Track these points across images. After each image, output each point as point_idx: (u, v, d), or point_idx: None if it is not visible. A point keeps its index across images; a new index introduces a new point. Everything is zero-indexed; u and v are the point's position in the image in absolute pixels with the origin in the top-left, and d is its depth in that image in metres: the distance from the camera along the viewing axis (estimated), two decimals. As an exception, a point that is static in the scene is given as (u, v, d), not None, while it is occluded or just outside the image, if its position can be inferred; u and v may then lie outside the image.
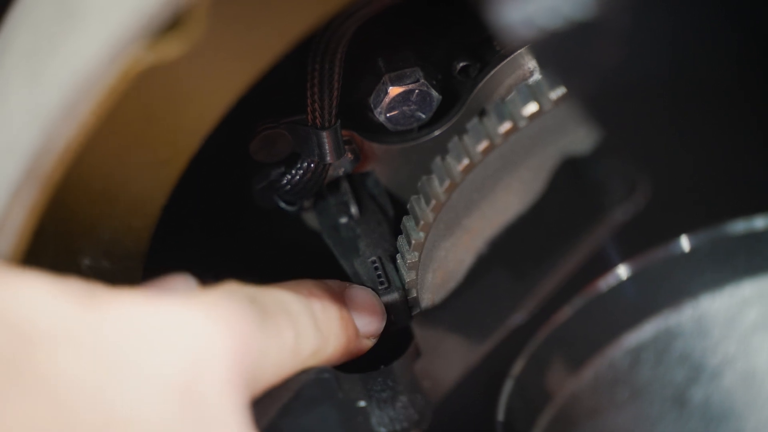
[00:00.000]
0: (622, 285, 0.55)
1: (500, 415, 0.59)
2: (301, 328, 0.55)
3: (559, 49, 0.45)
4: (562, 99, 0.57)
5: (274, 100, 0.65)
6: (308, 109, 0.63)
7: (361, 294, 0.63)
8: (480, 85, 0.66)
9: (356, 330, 0.61)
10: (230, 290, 0.52)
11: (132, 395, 0.45)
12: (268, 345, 0.52)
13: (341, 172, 0.68)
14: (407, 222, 0.63)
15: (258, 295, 0.53)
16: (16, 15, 0.52)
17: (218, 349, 0.48)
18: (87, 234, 0.57)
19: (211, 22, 0.46)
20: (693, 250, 0.54)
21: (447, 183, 0.60)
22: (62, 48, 0.46)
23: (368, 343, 0.62)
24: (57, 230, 0.55)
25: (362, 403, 0.60)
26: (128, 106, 0.49)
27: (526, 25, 0.44)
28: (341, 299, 0.61)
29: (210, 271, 0.68)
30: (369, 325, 0.62)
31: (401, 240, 0.64)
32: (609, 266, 0.55)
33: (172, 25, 0.45)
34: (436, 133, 0.67)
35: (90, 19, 0.46)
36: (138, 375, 0.45)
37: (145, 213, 0.58)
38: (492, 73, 0.65)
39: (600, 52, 0.46)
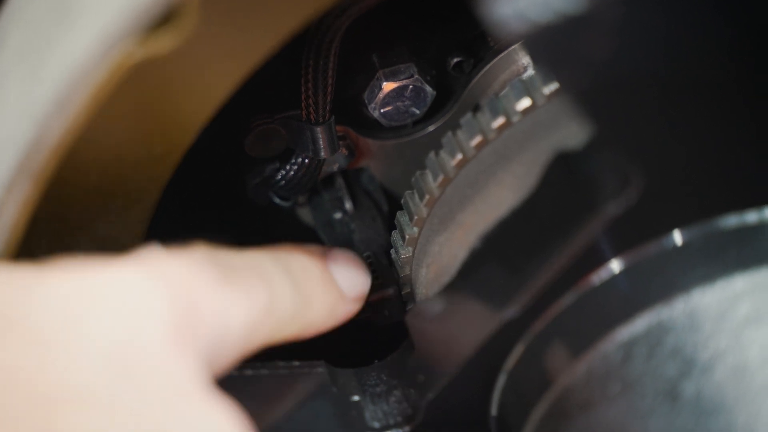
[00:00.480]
0: (614, 279, 0.55)
1: (493, 410, 0.59)
2: (276, 288, 0.52)
3: (550, 43, 0.46)
4: (555, 94, 0.57)
5: (269, 95, 0.65)
6: (302, 104, 0.63)
7: (343, 256, 0.61)
8: (474, 80, 0.66)
9: (340, 292, 0.59)
10: (188, 251, 0.49)
11: (66, 369, 0.43)
12: (232, 305, 0.49)
13: (336, 167, 0.68)
14: (401, 217, 0.63)
15: (224, 256, 0.51)
16: (9, 11, 0.52)
17: (155, 308, 0.45)
18: (82, 229, 0.57)
19: (203, 16, 0.47)
20: (685, 244, 0.54)
21: (441, 178, 0.60)
22: (55, 43, 0.46)
23: (354, 306, 0.60)
24: (51, 225, 0.55)
25: (356, 398, 0.60)
26: (121, 101, 0.49)
27: (518, 19, 0.44)
28: (323, 262, 0.59)
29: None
30: (354, 287, 0.60)
31: (395, 235, 0.64)
32: (602, 261, 0.55)
33: (164, 19, 0.45)
34: (431, 128, 0.67)
35: (83, 13, 0.46)
36: (70, 348, 0.43)
37: (140, 208, 0.58)
38: (486, 68, 0.65)
39: (591, 46, 0.46)
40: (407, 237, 0.63)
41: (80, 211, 0.56)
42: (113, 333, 0.44)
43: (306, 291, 0.55)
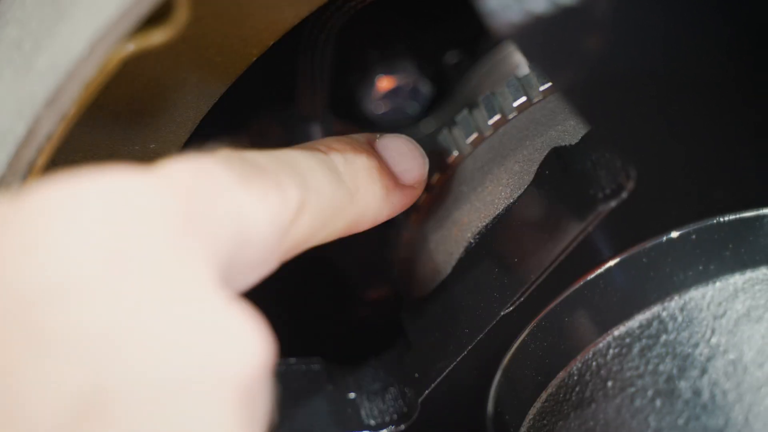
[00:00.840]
0: (611, 277, 0.55)
1: (489, 408, 0.59)
2: (312, 182, 0.49)
3: (543, 38, 0.45)
4: (550, 91, 0.57)
5: (266, 91, 0.65)
6: (299, 101, 0.63)
7: (394, 141, 0.56)
8: (471, 78, 0.66)
9: (394, 179, 0.54)
10: (208, 154, 0.45)
11: (57, 268, 0.39)
12: (256, 203, 0.45)
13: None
14: (398, 215, 0.63)
15: (250, 156, 0.47)
16: (2, 4, 0.52)
17: (158, 206, 0.41)
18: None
19: (195, 11, 0.47)
20: (682, 242, 0.54)
21: (436, 175, 0.60)
22: (48, 36, 0.46)
23: (413, 192, 0.56)
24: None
25: (352, 395, 0.60)
26: (115, 96, 0.49)
27: (510, 12, 0.44)
28: (370, 149, 0.54)
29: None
30: (409, 171, 0.55)
31: (392, 233, 0.64)
32: (598, 259, 0.55)
33: (156, 13, 0.45)
34: (427, 125, 0.67)
35: (75, 7, 0.46)
36: (62, 243, 0.39)
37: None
38: (482, 66, 0.66)
39: (585, 41, 0.46)
40: (404, 234, 0.63)
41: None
42: (110, 230, 0.40)
43: (351, 182, 0.51)
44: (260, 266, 0.46)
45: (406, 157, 0.55)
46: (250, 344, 0.41)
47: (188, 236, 0.41)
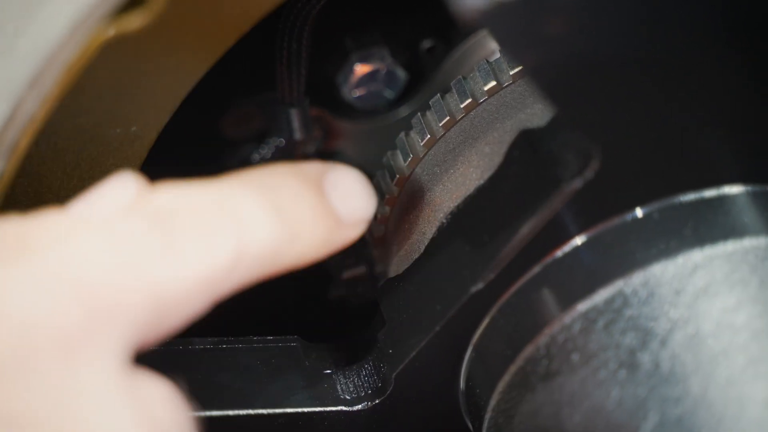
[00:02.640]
0: (577, 254, 0.56)
1: (461, 382, 0.61)
2: (253, 230, 0.47)
3: (508, 23, 0.47)
4: (520, 75, 0.59)
5: (245, 76, 0.66)
6: (277, 86, 0.65)
7: (344, 178, 0.54)
8: (446, 64, 0.67)
9: (337, 219, 0.53)
10: (130, 212, 0.45)
11: None
12: (180, 266, 0.45)
13: (311, 149, 0.70)
14: (373, 197, 0.65)
15: (186, 202, 0.47)
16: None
17: (61, 298, 0.42)
18: (61, 206, 0.58)
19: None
20: (644, 219, 0.55)
21: (410, 158, 0.62)
22: (28, 20, 0.48)
23: (354, 231, 0.54)
24: (30, 202, 0.56)
25: (328, 371, 0.62)
26: (96, 80, 0.51)
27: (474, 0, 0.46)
28: (319, 187, 0.53)
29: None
30: (354, 212, 0.54)
31: (368, 214, 0.66)
32: (565, 236, 0.57)
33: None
34: (403, 111, 0.68)
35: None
36: None
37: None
38: (457, 52, 0.67)
39: (548, 25, 0.48)
40: (379, 216, 0.64)
41: (57, 189, 0.57)
42: (22, 314, 0.42)
43: (294, 224, 0.50)
44: (190, 314, 0.46)
45: (354, 197, 0.54)
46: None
47: (91, 329, 0.42)
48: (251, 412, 0.59)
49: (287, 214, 0.50)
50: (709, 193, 0.56)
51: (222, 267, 0.46)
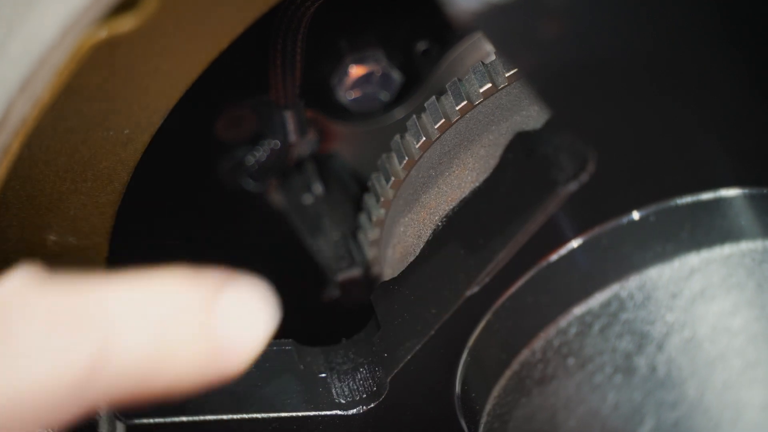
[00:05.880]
0: (572, 257, 0.56)
1: (457, 386, 0.61)
2: (121, 340, 0.43)
3: (502, 25, 0.47)
4: (515, 77, 0.59)
5: (240, 79, 0.66)
6: (271, 88, 0.64)
7: (244, 295, 0.46)
8: (441, 66, 0.67)
9: (220, 348, 0.45)
10: None
11: None
12: (29, 372, 0.41)
13: (306, 151, 0.69)
14: (368, 199, 0.65)
15: (52, 303, 0.43)
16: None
17: None
18: (53, 209, 0.58)
19: (164, -2, 0.48)
20: (641, 222, 0.55)
21: (405, 160, 0.62)
22: (19, 23, 0.48)
23: (238, 365, 0.45)
24: (23, 205, 0.56)
25: (323, 375, 0.61)
26: (88, 82, 0.50)
27: (469, 2, 0.45)
28: (210, 305, 0.45)
29: (176, 248, 0.69)
30: (242, 340, 0.45)
31: (363, 217, 0.65)
32: (561, 240, 0.56)
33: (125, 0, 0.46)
34: (398, 113, 0.68)
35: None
36: None
37: (110, 189, 0.59)
38: (452, 54, 0.67)
39: (543, 27, 0.47)
40: (374, 218, 0.64)
41: (50, 191, 0.57)
42: None
43: (169, 343, 0.44)
44: (51, 421, 0.43)
45: (248, 323, 0.46)
46: None
47: None
48: (245, 416, 0.58)
49: (165, 328, 0.44)
50: (706, 196, 0.55)
51: (74, 376, 0.42)
